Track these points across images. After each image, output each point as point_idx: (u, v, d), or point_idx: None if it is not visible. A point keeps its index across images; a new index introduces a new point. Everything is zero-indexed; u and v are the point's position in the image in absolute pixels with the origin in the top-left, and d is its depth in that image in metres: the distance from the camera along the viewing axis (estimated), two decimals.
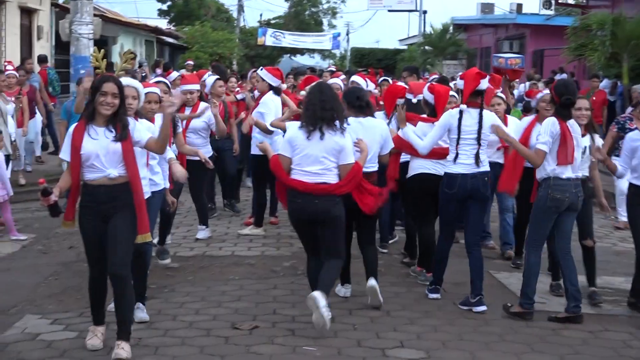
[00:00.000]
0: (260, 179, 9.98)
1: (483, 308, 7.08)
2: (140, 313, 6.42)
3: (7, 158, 10.12)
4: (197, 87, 9.75)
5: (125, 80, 6.10)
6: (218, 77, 11.36)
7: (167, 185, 7.19)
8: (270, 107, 9.45)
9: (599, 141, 7.43)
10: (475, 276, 7.22)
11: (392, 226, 9.81)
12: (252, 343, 6.09)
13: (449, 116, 7.45)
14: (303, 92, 11.08)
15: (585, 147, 7.18)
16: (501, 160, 8.52)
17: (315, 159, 6.59)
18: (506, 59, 17.24)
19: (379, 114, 8.48)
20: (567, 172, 6.86)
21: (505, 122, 8.42)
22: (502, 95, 9.23)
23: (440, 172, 7.57)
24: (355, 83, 10.23)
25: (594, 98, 15.10)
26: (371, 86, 10.95)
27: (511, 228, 9.07)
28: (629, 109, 11.69)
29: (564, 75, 22.21)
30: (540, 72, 25.84)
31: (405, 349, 6.03)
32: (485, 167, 7.32)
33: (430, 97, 8.07)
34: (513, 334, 6.47)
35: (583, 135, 7.04)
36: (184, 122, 8.95)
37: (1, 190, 9.43)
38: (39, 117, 14.49)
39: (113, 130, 5.48)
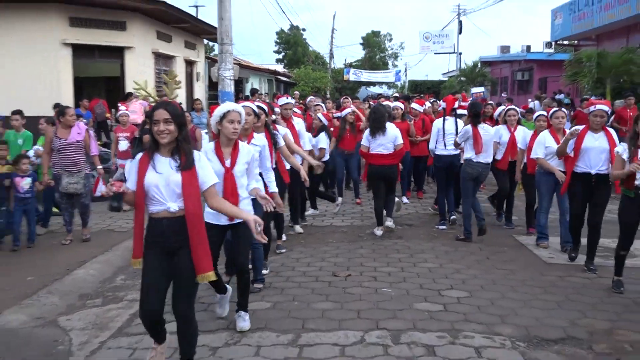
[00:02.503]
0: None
1: (443, 227, 8.55)
2: (242, 322, 4.99)
3: None
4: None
5: (230, 105, 4.79)
6: (313, 97, 11.74)
7: (274, 189, 5.68)
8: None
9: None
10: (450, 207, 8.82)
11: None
12: (347, 286, 6.07)
13: (439, 122, 9.01)
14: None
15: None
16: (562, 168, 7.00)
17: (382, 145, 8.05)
18: (473, 94, 17.43)
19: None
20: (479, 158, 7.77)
21: (515, 129, 8.48)
22: (517, 109, 9.06)
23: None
24: (398, 107, 10.31)
25: (631, 113, 12.53)
26: (420, 108, 11.11)
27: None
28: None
29: (562, 96, 21.40)
30: (545, 93, 24.95)
31: (454, 290, 5.91)
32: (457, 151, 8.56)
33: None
34: (532, 280, 6.25)
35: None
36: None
37: None
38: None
39: (178, 160, 3.75)
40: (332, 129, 10.03)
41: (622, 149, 5.73)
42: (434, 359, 4.37)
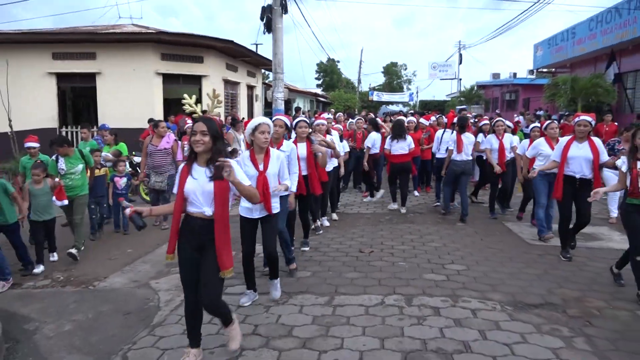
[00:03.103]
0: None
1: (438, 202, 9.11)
2: (274, 291, 4.77)
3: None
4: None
5: (260, 119, 4.42)
6: (341, 114, 11.61)
7: (294, 190, 5.07)
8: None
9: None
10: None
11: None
12: (370, 260, 6.00)
13: (439, 133, 9.13)
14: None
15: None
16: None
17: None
18: (459, 109, 17.21)
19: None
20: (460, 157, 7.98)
21: (502, 136, 8.28)
22: (505, 122, 8.70)
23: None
24: (412, 121, 10.33)
25: (607, 128, 12.30)
26: (425, 122, 10.95)
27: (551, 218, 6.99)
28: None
29: (542, 112, 20.79)
30: (528, 110, 24.29)
31: (455, 264, 5.78)
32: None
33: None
34: (518, 257, 6.06)
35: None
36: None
37: None
38: None
39: (212, 170, 3.33)
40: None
41: (621, 162, 5.05)
42: (439, 319, 4.27)
